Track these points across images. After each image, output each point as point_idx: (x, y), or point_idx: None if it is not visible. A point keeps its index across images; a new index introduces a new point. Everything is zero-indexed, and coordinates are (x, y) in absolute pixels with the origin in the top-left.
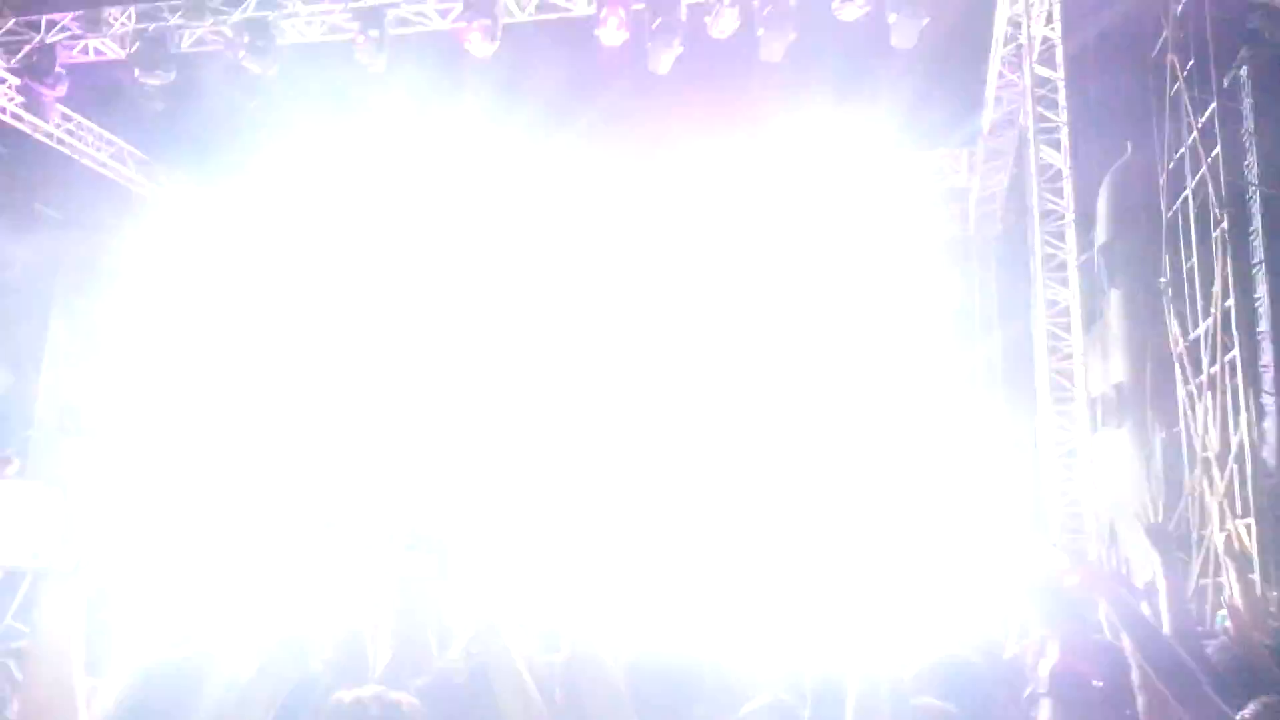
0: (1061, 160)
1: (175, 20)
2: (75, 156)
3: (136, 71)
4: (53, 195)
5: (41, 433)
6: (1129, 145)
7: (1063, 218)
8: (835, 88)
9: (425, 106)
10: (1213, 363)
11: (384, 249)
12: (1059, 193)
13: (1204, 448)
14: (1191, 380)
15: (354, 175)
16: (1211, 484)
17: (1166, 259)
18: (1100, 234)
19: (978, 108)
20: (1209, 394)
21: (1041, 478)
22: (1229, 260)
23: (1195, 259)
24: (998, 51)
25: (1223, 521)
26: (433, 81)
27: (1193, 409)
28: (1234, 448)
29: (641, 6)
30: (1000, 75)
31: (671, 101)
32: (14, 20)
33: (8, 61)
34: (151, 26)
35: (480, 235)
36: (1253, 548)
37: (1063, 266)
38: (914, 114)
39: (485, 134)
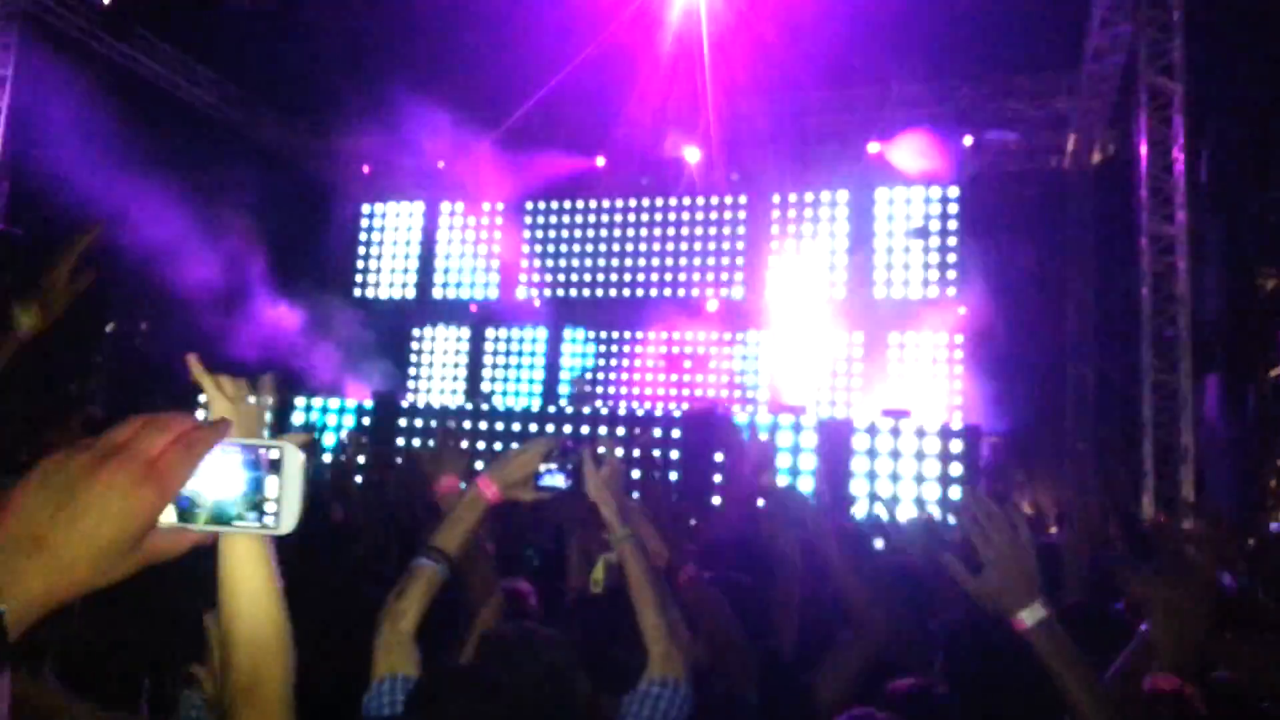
0: (1173, 87)
1: None
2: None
3: None
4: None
5: None
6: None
7: (1171, 148)
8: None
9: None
10: None
11: None
12: (1168, 122)
13: None
14: None
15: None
16: None
17: None
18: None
19: (1082, 26)
20: None
21: (1141, 418)
22: None
23: None
24: None
25: None
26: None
27: None
28: None
29: None
30: None
31: None
32: None
33: None
34: None
35: None
36: None
37: (1169, 200)
38: (1009, 32)
39: None
